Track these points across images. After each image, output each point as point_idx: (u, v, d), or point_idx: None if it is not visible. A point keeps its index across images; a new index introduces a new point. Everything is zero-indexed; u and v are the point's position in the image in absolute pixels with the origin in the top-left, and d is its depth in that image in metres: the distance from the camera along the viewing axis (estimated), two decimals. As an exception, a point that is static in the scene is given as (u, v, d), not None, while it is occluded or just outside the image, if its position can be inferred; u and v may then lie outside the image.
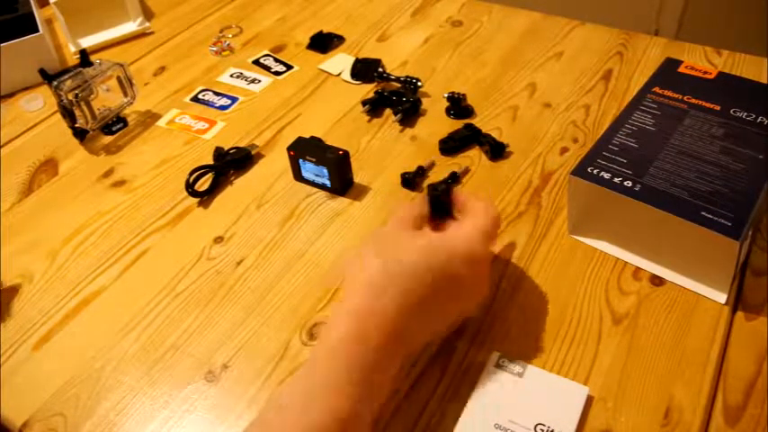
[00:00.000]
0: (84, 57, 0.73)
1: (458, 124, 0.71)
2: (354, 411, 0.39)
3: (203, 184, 0.66)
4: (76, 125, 0.71)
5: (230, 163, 0.68)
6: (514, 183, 0.64)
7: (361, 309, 0.42)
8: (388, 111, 0.74)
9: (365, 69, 0.80)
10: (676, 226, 0.50)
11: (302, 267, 0.58)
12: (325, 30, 0.89)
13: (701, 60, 0.78)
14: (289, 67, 0.83)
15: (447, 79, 0.79)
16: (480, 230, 0.48)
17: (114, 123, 0.74)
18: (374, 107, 0.74)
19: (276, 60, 0.85)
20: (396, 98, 0.74)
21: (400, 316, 0.42)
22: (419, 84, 0.75)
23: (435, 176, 0.65)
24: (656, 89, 0.62)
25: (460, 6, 0.92)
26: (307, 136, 0.66)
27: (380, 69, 0.78)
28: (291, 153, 0.64)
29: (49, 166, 0.71)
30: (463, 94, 0.73)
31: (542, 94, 0.75)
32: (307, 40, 0.87)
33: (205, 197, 0.65)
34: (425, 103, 0.75)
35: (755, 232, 0.57)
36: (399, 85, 0.76)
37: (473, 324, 0.52)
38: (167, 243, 0.61)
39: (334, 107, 0.76)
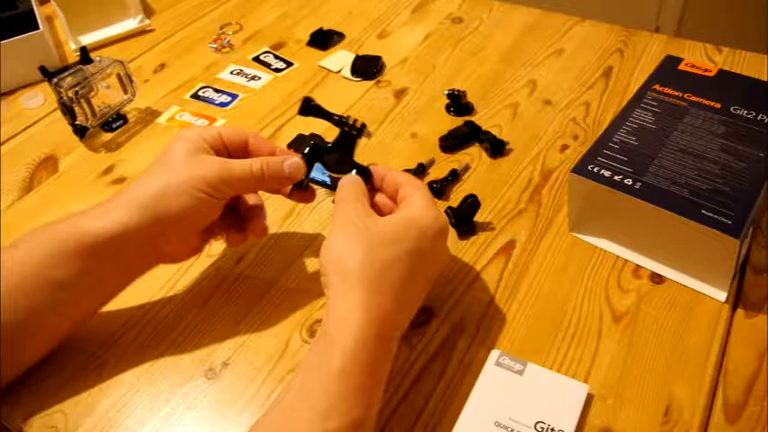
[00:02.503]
0: (85, 54, 0.72)
1: (458, 121, 0.70)
2: (370, 412, 0.40)
3: (203, 181, 0.66)
4: (77, 122, 0.71)
5: (230, 160, 0.67)
6: (514, 180, 0.64)
7: (372, 308, 0.41)
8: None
9: (365, 66, 0.80)
10: (677, 224, 0.50)
11: (302, 265, 0.58)
12: (326, 27, 0.89)
13: (701, 57, 0.78)
14: (289, 64, 0.83)
15: (447, 76, 0.78)
16: (428, 200, 0.48)
17: (114, 120, 0.74)
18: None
19: (276, 57, 0.85)
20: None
21: (397, 307, 0.43)
22: (366, 131, 0.53)
23: (435, 174, 0.65)
24: (657, 87, 0.62)
25: (461, 3, 0.92)
26: (307, 133, 0.66)
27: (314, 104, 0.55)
28: (291, 150, 0.64)
29: (49, 164, 0.71)
30: (463, 91, 0.73)
31: (542, 92, 0.75)
32: (307, 37, 0.87)
33: (205, 195, 0.65)
34: (426, 100, 0.75)
35: (755, 230, 0.57)
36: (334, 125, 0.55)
37: (473, 322, 0.52)
38: (167, 240, 0.61)
39: (335, 104, 0.76)
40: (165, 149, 0.50)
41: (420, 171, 0.65)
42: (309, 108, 0.53)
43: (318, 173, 0.64)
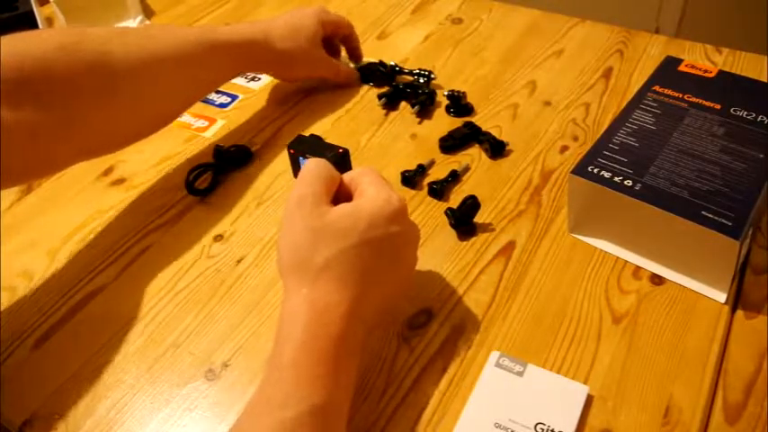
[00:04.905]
0: (84, 55, 0.72)
1: (458, 122, 0.70)
2: (333, 396, 0.40)
3: (203, 182, 0.66)
4: (76, 123, 0.71)
5: (230, 161, 0.68)
6: (514, 181, 0.64)
7: (316, 301, 0.42)
8: (403, 104, 0.75)
9: (365, 70, 0.80)
10: (676, 225, 0.50)
11: (302, 266, 0.58)
12: (325, 27, 0.88)
13: (701, 58, 0.78)
14: (289, 65, 0.83)
15: (447, 77, 0.78)
16: (378, 185, 0.47)
17: (114, 121, 0.74)
18: (390, 100, 0.74)
19: (276, 58, 0.85)
20: (411, 90, 0.74)
21: (350, 297, 0.43)
22: (432, 76, 0.76)
23: (435, 175, 0.65)
24: (657, 88, 0.62)
25: (460, 4, 0.92)
26: (307, 134, 0.66)
27: (392, 63, 0.79)
28: (291, 151, 0.64)
29: (48, 165, 0.71)
30: (463, 92, 0.73)
31: (542, 92, 0.75)
32: (307, 38, 0.87)
33: (205, 195, 0.65)
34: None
35: (755, 231, 0.57)
36: (412, 78, 0.77)
37: (473, 323, 0.52)
38: (167, 241, 0.61)
39: (335, 105, 0.76)
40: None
41: (420, 172, 0.65)
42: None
43: None
